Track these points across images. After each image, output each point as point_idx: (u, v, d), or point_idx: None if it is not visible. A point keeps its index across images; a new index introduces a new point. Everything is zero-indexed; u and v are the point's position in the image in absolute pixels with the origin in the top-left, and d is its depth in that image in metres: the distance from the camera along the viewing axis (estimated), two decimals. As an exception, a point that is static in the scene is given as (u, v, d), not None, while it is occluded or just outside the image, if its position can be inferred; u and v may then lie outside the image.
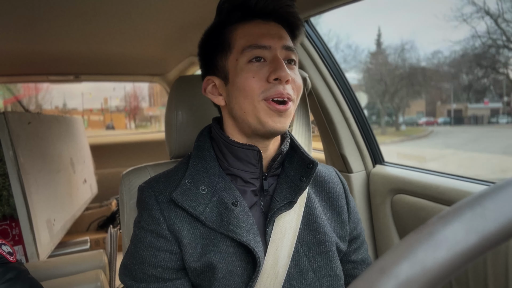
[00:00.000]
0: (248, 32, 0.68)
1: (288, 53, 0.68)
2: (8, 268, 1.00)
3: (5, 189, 1.42)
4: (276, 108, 0.64)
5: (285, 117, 0.66)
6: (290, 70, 0.67)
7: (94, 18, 1.32)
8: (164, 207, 0.67)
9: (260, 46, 0.66)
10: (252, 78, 0.65)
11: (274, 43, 0.66)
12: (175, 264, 0.65)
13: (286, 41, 0.68)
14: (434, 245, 0.17)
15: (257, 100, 0.64)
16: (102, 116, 6.93)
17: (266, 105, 0.64)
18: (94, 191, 2.51)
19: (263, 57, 0.66)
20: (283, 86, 0.64)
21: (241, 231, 0.63)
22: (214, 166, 0.70)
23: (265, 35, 0.67)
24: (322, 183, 0.79)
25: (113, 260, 1.58)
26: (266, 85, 0.64)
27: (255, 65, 0.65)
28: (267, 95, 0.64)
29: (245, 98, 0.65)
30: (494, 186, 0.19)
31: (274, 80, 0.64)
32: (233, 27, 0.69)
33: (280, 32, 0.69)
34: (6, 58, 1.85)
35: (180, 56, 1.97)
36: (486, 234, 0.17)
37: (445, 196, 1.01)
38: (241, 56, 0.66)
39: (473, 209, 0.18)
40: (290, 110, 0.66)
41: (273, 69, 0.64)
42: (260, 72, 0.65)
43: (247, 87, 0.65)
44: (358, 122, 1.29)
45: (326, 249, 0.71)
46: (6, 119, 1.41)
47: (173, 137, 0.90)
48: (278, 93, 0.64)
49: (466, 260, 0.17)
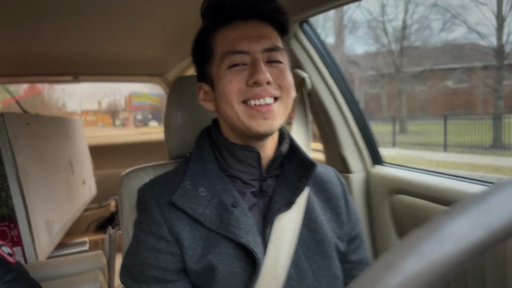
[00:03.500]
0: (227, 37, 0.67)
1: (271, 54, 0.66)
2: (9, 269, 1.01)
3: (4, 190, 1.42)
4: (258, 110, 0.63)
5: (270, 119, 0.64)
6: (274, 69, 0.65)
7: (93, 18, 1.32)
8: (164, 209, 0.67)
9: (238, 51, 0.64)
10: (230, 83, 0.64)
11: (252, 47, 0.64)
12: (176, 265, 0.65)
13: (267, 43, 0.65)
14: (440, 240, 0.17)
15: (237, 104, 0.64)
16: (95, 117, 9.23)
17: (246, 108, 0.64)
18: (93, 192, 2.51)
19: (242, 62, 0.65)
20: (263, 87, 0.63)
21: (241, 232, 0.63)
22: (213, 167, 0.70)
23: (242, 39, 0.65)
24: (321, 184, 0.79)
25: (112, 261, 1.57)
26: (245, 88, 0.64)
27: (235, 70, 0.65)
28: (245, 97, 0.64)
29: (226, 103, 0.65)
30: (499, 183, 0.19)
31: (253, 84, 0.63)
32: (214, 33, 0.69)
33: (260, 32, 0.66)
34: (5, 59, 1.84)
35: (179, 56, 1.97)
36: (492, 229, 0.17)
37: (444, 196, 1.01)
38: (221, 63, 0.66)
39: (479, 205, 0.18)
40: (274, 110, 0.64)
41: (251, 73, 0.63)
42: (239, 76, 0.64)
43: (226, 92, 0.65)
44: (357, 122, 1.29)
45: (325, 249, 0.71)
46: (4, 120, 1.41)
47: (172, 137, 0.90)
48: (256, 95, 0.63)
49: (472, 255, 0.17)
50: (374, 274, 0.17)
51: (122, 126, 8.68)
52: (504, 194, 0.18)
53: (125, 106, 9.46)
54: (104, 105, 9.50)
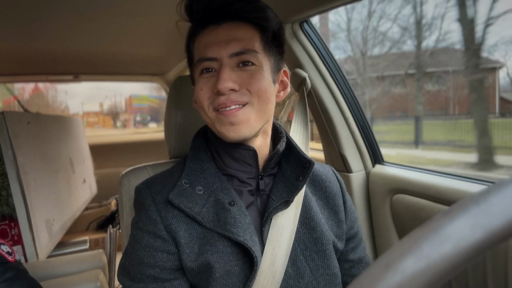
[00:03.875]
0: (201, 42, 0.67)
1: (241, 57, 0.64)
2: (7, 268, 1.01)
3: (4, 189, 1.42)
4: (225, 116, 0.63)
5: (237, 125, 0.63)
6: (243, 75, 0.64)
7: (93, 17, 1.32)
8: (161, 208, 0.67)
9: (207, 58, 0.64)
10: (200, 91, 0.65)
11: (220, 53, 0.63)
12: (173, 264, 0.65)
13: (237, 46, 0.63)
14: (439, 240, 0.17)
15: (209, 111, 0.65)
16: (97, 118, 10.01)
17: (217, 115, 0.64)
18: (94, 191, 2.51)
19: (213, 67, 0.65)
20: (226, 96, 0.63)
21: (238, 230, 0.63)
22: (210, 166, 0.70)
23: (211, 45, 0.64)
24: (319, 182, 0.79)
25: (112, 260, 1.58)
26: (213, 96, 0.64)
27: (205, 77, 0.65)
28: (214, 105, 0.64)
29: (201, 109, 0.67)
30: (500, 183, 0.19)
31: (217, 93, 0.63)
32: (194, 38, 0.69)
33: (230, 35, 0.64)
34: (5, 58, 1.84)
35: (179, 56, 1.97)
36: (492, 229, 0.17)
37: (445, 196, 1.01)
38: (195, 69, 0.67)
39: (479, 205, 0.18)
40: (241, 116, 0.63)
41: (215, 81, 0.63)
42: (208, 84, 0.65)
43: (198, 100, 0.66)
44: (357, 121, 1.29)
45: (323, 247, 0.70)
46: (5, 118, 1.41)
47: (172, 137, 0.90)
48: (221, 103, 0.63)
49: (472, 255, 0.17)
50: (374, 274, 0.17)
51: (123, 127, 9.12)
52: (504, 193, 0.18)
53: (125, 108, 10.22)
54: (106, 107, 10.29)
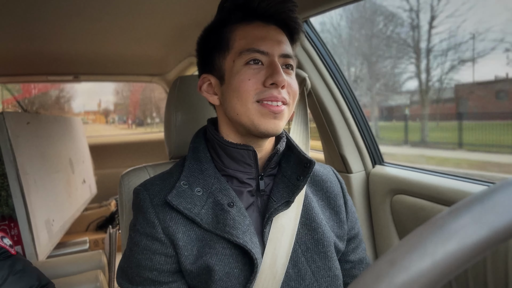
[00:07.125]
0: (248, 34, 0.67)
1: (286, 59, 0.67)
2: (15, 260, 1.02)
3: (4, 189, 1.42)
4: (270, 109, 0.64)
5: (279, 119, 0.65)
6: (287, 75, 0.66)
7: (93, 18, 1.32)
8: (159, 210, 0.66)
9: (259, 50, 0.65)
10: (248, 81, 0.64)
11: (272, 49, 0.65)
12: (171, 267, 0.65)
13: (285, 48, 0.67)
14: (444, 238, 0.17)
15: (251, 102, 0.64)
16: (94, 116, 12.77)
17: (259, 107, 0.64)
18: (93, 192, 2.51)
19: (261, 60, 0.65)
20: (278, 90, 0.64)
21: (237, 232, 0.63)
22: (209, 167, 0.70)
23: (264, 39, 0.66)
24: (320, 183, 0.78)
25: (112, 261, 1.57)
26: (261, 88, 0.64)
27: (252, 68, 0.65)
28: (261, 97, 0.64)
29: (238, 99, 0.65)
30: (504, 182, 0.19)
31: (271, 85, 0.63)
32: (233, 27, 0.68)
33: (279, 37, 0.68)
34: (6, 58, 1.84)
35: (179, 56, 1.97)
36: (497, 227, 0.17)
37: (445, 196, 1.01)
38: (239, 58, 0.65)
39: (483, 203, 0.18)
40: (284, 113, 0.66)
41: (270, 74, 0.64)
42: (257, 75, 0.64)
43: (242, 89, 0.64)
44: (357, 122, 1.29)
45: (325, 249, 0.70)
46: (4, 119, 1.41)
47: (172, 137, 0.90)
48: (273, 96, 0.64)
49: (477, 253, 0.17)
50: (378, 272, 0.17)
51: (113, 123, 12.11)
52: (509, 192, 0.18)
53: (114, 109, 13.22)
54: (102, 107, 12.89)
